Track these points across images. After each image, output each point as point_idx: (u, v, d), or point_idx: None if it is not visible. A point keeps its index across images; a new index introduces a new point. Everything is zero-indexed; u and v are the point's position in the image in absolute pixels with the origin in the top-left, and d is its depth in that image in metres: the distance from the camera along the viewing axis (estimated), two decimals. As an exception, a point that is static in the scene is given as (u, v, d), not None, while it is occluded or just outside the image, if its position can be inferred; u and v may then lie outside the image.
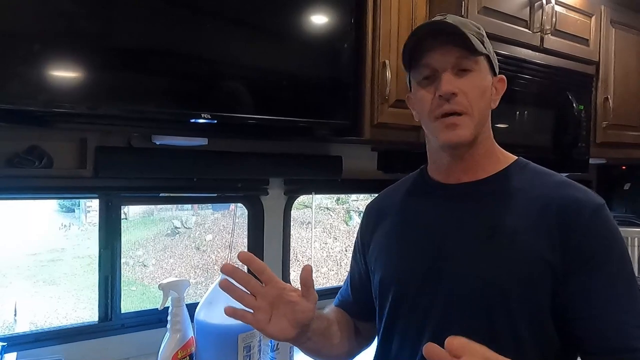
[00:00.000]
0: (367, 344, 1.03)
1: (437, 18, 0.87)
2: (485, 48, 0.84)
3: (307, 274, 0.77)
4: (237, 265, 0.78)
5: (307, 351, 0.89)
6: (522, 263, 0.77)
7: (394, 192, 1.01)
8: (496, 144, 0.90)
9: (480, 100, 0.83)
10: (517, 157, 0.90)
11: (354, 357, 1.02)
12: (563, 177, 0.85)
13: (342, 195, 6.47)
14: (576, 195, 0.79)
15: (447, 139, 0.83)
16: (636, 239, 2.23)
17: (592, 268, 0.75)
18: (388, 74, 1.44)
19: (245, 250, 1.71)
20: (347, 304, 1.04)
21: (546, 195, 0.80)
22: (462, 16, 1.45)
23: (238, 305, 0.76)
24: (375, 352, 0.95)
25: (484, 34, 0.86)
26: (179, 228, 6.55)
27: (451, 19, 0.85)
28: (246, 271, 0.78)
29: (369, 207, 1.04)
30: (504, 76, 0.90)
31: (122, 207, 1.43)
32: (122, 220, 1.44)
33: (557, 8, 1.74)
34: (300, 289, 0.77)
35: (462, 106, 0.81)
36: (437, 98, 0.82)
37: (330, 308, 1.04)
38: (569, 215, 0.77)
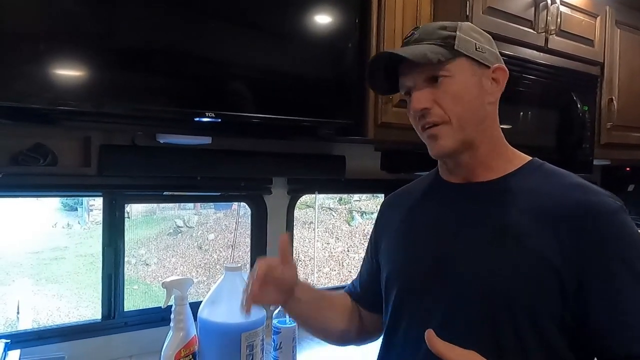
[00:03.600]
0: (370, 337, 1.05)
1: (408, 34, 0.88)
2: (459, 49, 0.82)
3: (283, 244, 0.90)
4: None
5: (298, 319, 1.01)
6: (527, 266, 0.75)
7: (409, 190, 1.02)
8: (507, 144, 0.89)
9: (457, 105, 0.81)
10: (531, 158, 0.89)
11: (351, 342, 1.06)
12: (579, 178, 0.83)
13: (345, 196, 6.48)
14: (591, 200, 0.77)
15: (433, 151, 0.86)
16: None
17: (607, 274, 0.73)
18: (392, 73, 1.43)
19: (248, 249, 1.72)
20: (353, 289, 1.08)
21: (559, 197, 0.78)
22: (466, 16, 1.47)
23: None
24: (380, 347, 0.96)
25: (460, 33, 0.83)
26: (182, 227, 6.56)
27: (419, 32, 0.85)
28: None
29: (384, 204, 1.07)
30: (500, 64, 0.86)
31: (125, 205, 1.43)
32: (125, 219, 1.45)
33: (562, 8, 1.74)
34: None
35: (437, 117, 0.82)
36: (415, 115, 0.85)
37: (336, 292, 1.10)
38: (582, 221, 0.75)
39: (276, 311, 1.31)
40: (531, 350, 0.75)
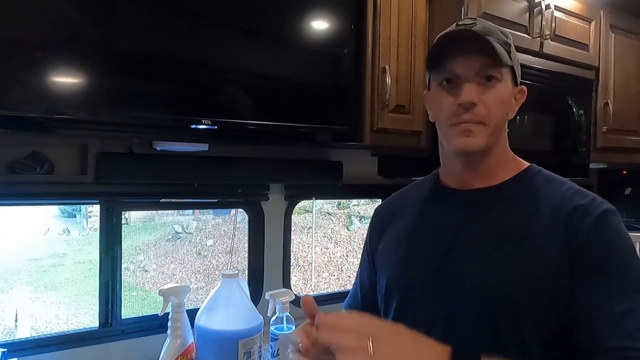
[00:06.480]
0: None
1: (467, 22, 0.86)
2: (511, 59, 0.83)
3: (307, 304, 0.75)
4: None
5: None
6: (529, 271, 0.76)
7: (404, 195, 1.01)
8: (510, 151, 0.90)
9: (499, 111, 0.82)
10: (529, 164, 0.89)
11: None
12: (574, 184, 0.84)
13: (343, 200, 6.48)
14: (582, 202, 0.79)
15: (460, 145, 0.82)
16: (637, 243, 2.22)
17: (594, 271, 0.74)
18: (388, 79, 1.44)
19: (246, 255, 1.72)
20: (356, 308, 1.03)
21: (556, 203, 0.80)
22: (461, 22, 1.48)
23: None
24: None
25: (512, 43, 0.85)
26: (180, 233, 6.56)
27: (480, 24, 0.84)
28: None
29: (378, 210, 1.05)
30: (524, 87, 0.89)
31: (123, 212, 1.43)
32: (123, 226, 1.44)
33: (557, 13, 1.75)
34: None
35: (480, 116, 0.81)
36: (456, 105, 0.81)
37: None
38: (574, 221, 0.77)
39: (273, 317, 1.31)
40: (534, 352, 0.75)
